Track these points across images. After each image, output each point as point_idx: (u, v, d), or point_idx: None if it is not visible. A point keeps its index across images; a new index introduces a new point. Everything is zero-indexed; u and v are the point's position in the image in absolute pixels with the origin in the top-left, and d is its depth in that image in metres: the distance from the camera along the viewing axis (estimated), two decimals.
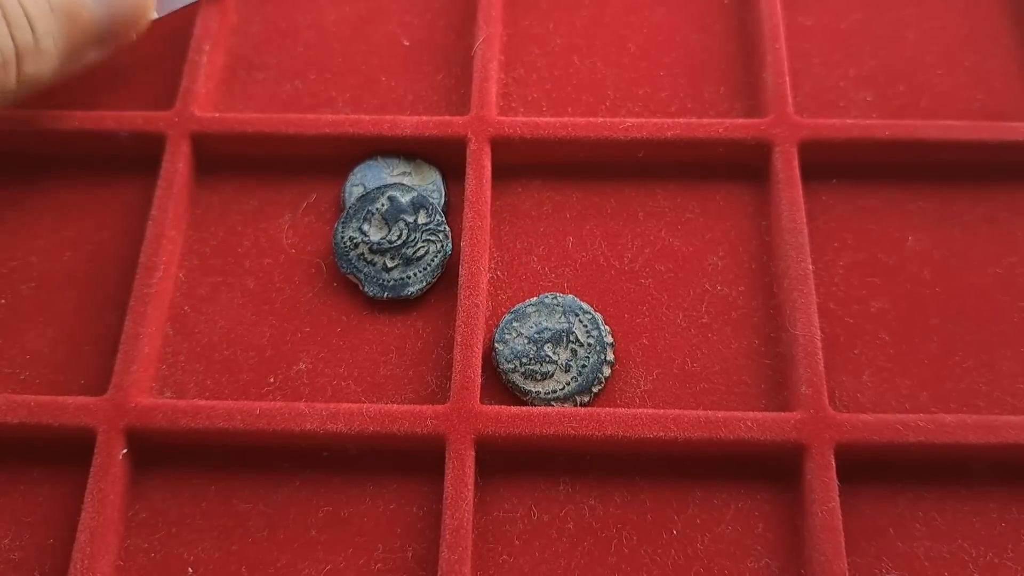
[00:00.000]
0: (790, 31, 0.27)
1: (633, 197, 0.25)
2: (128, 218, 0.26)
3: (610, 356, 0.23)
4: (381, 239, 0.24)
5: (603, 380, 0.23)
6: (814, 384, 0.22)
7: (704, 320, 0.24)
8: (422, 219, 0.24)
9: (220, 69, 0.28)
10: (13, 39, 0.21)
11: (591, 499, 0.22)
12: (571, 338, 0.23)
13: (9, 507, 0.22)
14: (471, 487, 0.21)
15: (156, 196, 0.25)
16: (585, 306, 0.23)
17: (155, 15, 0.26)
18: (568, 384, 0.22)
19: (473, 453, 0.21)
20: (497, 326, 0.23)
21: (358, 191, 0.25)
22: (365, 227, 0.24)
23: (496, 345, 0.23)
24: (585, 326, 0.23)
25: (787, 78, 0.26)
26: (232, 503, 0.22)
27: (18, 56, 0.21)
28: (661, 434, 0.21)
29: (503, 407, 0.22)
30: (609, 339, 0.23)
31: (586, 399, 0.22)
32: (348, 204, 0.25)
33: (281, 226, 0.25)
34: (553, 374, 0.22)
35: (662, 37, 0.28)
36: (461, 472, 0.21)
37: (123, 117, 0.26)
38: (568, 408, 0.22)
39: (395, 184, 0.25)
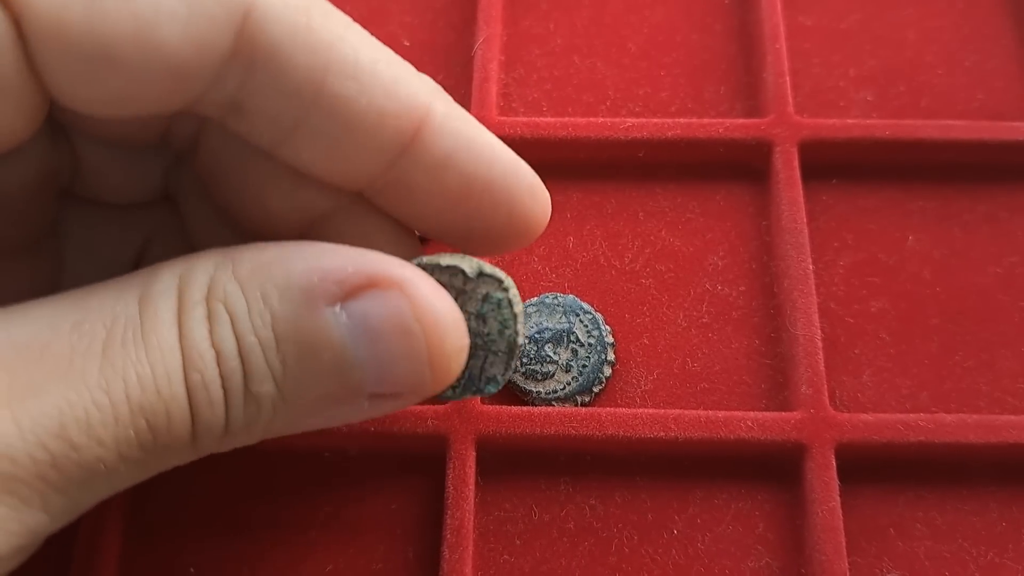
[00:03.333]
0: (790, 31, 0.27)
1: (633, 197, 0.25)
2: None
3: (611, 356, 0.23)
4: None
5: (604, 380, 0.23)
6: (814, 384, 0.22)
7: (704, 320, 0.24)
8: None
9: None
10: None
11: (592, 499, 0.22)
12: (572, 338, 0.23)
13: None
14: (472, 487, 0.21)
15: None
16: (586, 306, 0.23)
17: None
18: (569, 384, 0.22)
19: (474, 453, 0.21)
20: None
21: None
22: None
23: None
24: (586, 326, 0.23)
25: (787, 78, 0.26)
26: (233, 503, 0.22)
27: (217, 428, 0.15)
28: (662, 434, 0.21)
29: (504, 407, 0.22)
30: (610, 339, 0.23)
31: (587, 399, 0.22)
32: None
33: None
34: (554, 374, 0.22)
35: (662, 37, 0.28)
36: (462, 472, 0.21)
37: None
38: (569, 408, 0.22)
39: None
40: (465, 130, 0.16)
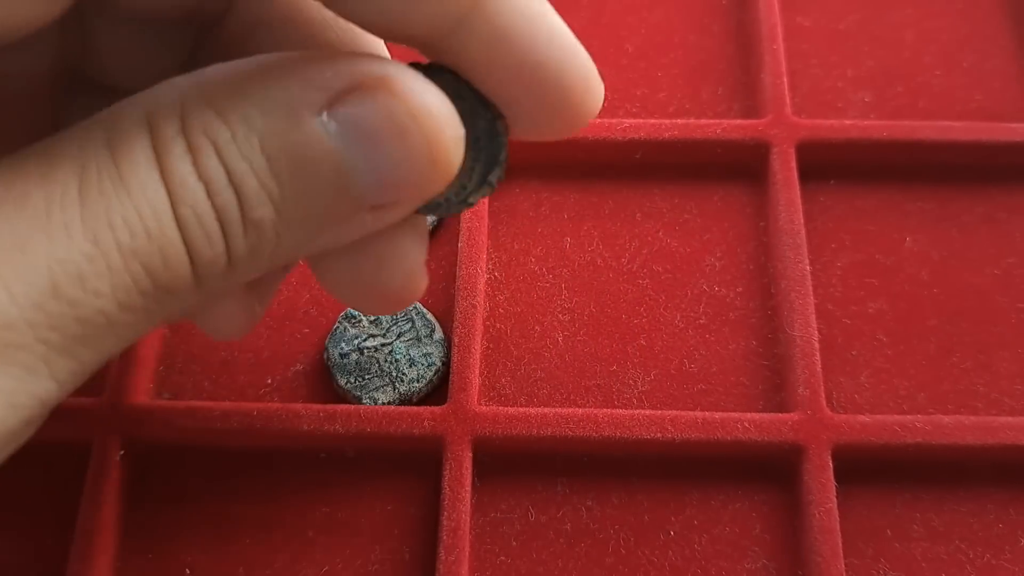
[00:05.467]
0: (788, 32, 0.27)
1: (631, 198, 0.25)
2: None
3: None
4: None
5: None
6: (812, 385, 0.22)
7: (702, 321, 0.24)
8: None
9: None
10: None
11: (588, 500, 0.22)
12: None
13: (7, 509, 0.22)
14: (468, 488, 0.21)
15: None
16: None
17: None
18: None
19: (470, 454, 0.21)
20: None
21: None
22: None
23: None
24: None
25: (785, 79, 0.26)
26: (229, 504, 0.22)
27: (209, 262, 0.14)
28: (658, 435, 0.21)
29: (501, 408, 0.22)
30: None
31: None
32: None
33: None
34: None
35: (660, 38, 0.28)
36: (458, 473, 0.21)
37: None
38: (565, 410, 0.22)
39: None
40: (526, 6, 0.15)
